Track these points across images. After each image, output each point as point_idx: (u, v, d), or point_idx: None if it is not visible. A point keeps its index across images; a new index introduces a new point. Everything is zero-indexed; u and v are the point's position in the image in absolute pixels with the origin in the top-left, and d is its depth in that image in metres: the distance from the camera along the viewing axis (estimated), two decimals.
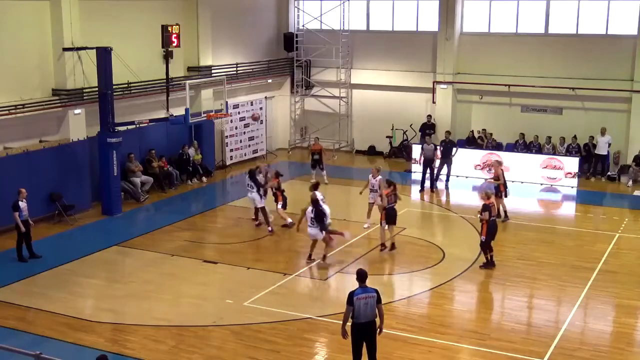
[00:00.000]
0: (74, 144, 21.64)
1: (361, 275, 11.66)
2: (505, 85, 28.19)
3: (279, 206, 20.35)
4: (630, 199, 24.52)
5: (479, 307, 15.61)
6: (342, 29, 30.83)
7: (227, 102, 24.49)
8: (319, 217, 16.45)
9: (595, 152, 26.78)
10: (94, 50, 21.31)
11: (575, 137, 27.23)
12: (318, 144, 25.89)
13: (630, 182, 25.94)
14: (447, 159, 25.76)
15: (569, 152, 26.89)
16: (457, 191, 25.60)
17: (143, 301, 15.47)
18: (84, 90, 22.01)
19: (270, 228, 19.98)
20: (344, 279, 16.91)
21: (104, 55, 21.10)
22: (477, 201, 24.93)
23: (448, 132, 26.93)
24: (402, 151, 30.08)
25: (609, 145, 26.58)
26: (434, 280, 16.75)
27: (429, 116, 29.52)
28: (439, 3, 29.13)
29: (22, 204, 17.45)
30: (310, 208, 16.67)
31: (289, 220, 19.98)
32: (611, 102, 27.14)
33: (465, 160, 26.70)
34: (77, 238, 19.78)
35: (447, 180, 25.94)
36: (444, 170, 25.88)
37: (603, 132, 26.55)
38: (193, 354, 13.05)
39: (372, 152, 31.40)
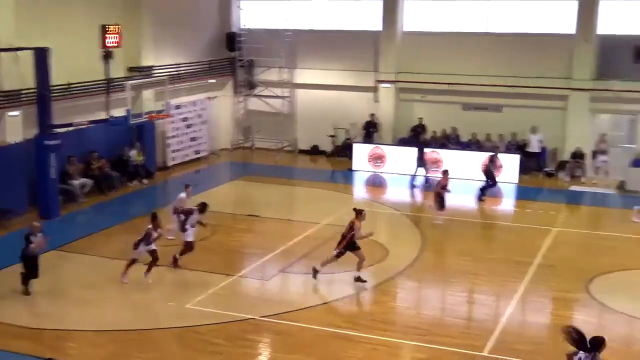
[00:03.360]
0: (10, 146, 21.15)
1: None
2: (446, 83, 28.52)
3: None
4: (567, 194, 25.07)
5: (421, 304, 15.79)
6: (285, 28, 30.77)
7: (169, 102, 24.25)
8: None
9: (528, 150, 27.29)
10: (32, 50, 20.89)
11: (514, 134, 27.77)
12: (447, 177, 21.15)
13: (568, 178, 26.55)
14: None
15: (508, 149, 27.38)
16: (399, 189, 25.88)
17: (84, 306, 15.18)
18: (21, 92, 21.54)
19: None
20: (286, 278, 16.92)
21: (41, 56, 20.65)
22: (418, 198, 25.28)
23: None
24: (345, 150, 30.19)
25: (541, 142, 27.14)
26: (377, 277, 16.85)
27: (372, 115, 29.72)
28: (382, 2, 29.36)
29: (35, 239, 15.92)
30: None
31: None
32: (549, 100, 27.75)
33: (408, 158, 26.96)
34: (14, 243, 19.23)
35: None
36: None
37: (534, 131, 27.14)
38: (134, 358, 12.88)
39: (315, 151, 31.46)
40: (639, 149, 26.65)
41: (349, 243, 16.06)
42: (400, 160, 27.39)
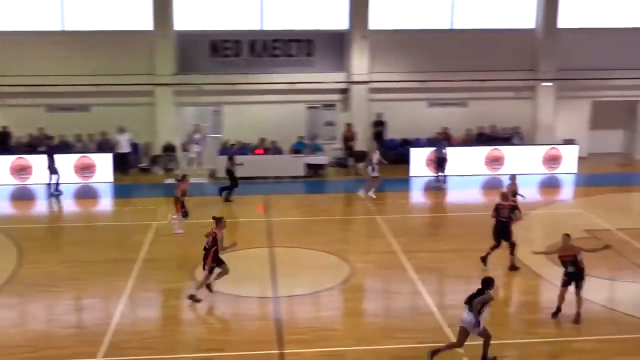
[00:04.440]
0: None
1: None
2: (27, 85, 26.99)
3: None
4: (163, 187, 25.43)
5: (25, 320, 14.71)
6: None
7: None
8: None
9: (118, 151, 26.98)
10: None
11: (104, 133, 27.42)
12: (187, 181, 20.34)
13: (162, 171, 27.12)
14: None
15: (100, 149, 26.92)
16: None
17: None
18: None
19: None
20: None
21: None
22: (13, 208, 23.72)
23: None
24: None
25: (130, 141, 27.24)
26: None
27: None
28: None
29: None
30: None
31: None
32: (137, 97, 28.03)
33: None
34: None
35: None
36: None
37: (122, 131, 27.08)
38: None
39: None
40: (225, 139, 28.19)
41: (215, 256, 15.06)
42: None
